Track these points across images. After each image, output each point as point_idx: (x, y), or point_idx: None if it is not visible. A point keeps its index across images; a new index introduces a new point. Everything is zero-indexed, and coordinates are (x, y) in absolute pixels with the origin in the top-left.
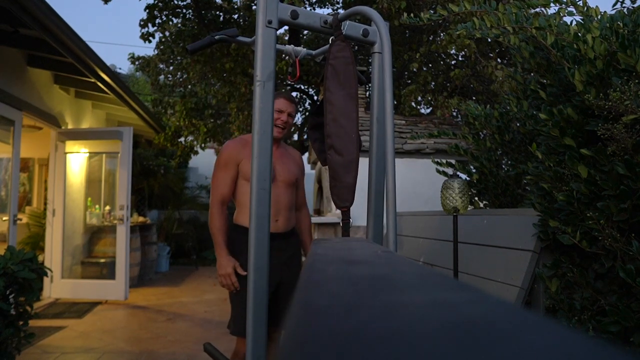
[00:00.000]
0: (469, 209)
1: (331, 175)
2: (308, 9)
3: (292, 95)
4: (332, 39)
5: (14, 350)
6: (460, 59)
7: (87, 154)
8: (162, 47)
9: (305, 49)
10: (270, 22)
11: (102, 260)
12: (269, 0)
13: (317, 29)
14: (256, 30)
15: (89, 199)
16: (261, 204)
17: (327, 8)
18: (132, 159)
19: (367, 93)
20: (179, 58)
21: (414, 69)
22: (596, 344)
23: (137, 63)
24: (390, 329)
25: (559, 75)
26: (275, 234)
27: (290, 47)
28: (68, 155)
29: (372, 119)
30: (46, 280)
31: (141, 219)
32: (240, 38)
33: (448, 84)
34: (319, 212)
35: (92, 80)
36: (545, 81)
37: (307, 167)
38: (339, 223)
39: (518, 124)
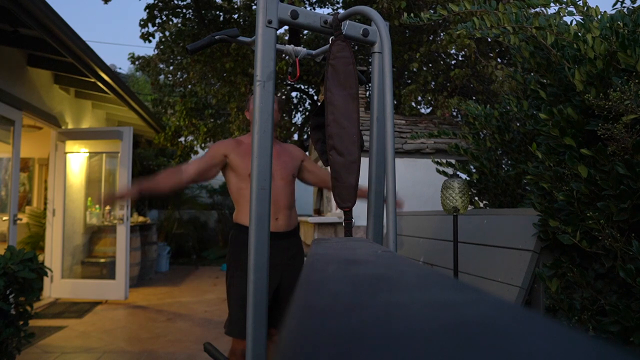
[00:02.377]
0: (469, 208)
1: (333, 176)
2: (308, 8)
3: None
4: (332, 39)
5: (14, 350)
6: (460, 58)
7: (87, 154)
8: (162, 47)
9: (305, 48)
10: (270, 21)
11: (102, 260)
12: (269, 0)
13: (317, 28)
14: (256, 30)
15: (89, 198)
16: (261, 203)
17: (327, 8)
18: (132, 159)
19: (368, 93)
20: (179, 58)
21: (414, 69)
22: (596, 344)
23: (137, 63)
24: (390, 329)
25: (559, 75)
26: (276, 233)
27: (290, 47)
28: (68, 155)
29: (372, 118)
30: (46, 280)
31: (141, 218)
32: (241, 38)
33: (448, 84)
34: (318, 212)
35: (92, 80)
36: (545, 81)
37: None
38: (340, 223)
39: (518, 124)
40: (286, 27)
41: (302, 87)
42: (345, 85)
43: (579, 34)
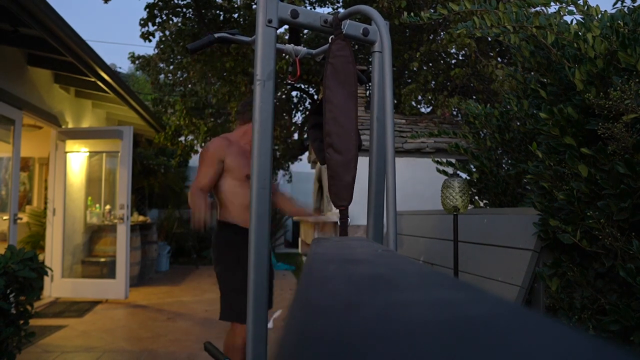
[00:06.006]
0: (469, 208)
1: (330, 174)
2: (308, 8)
3: None
4: (331, 38)
5: (14, 349)
6: (460, 58)
7: (88, 153)
8: (162, 46)
9: (305, 48)
10: (270, 21)
11: (103, 260)
12: None
13: (317, 28)
14: (256, 30)
15: (89, 198)
16: (261, 203)
17: (327, 7)
18: (133, 158)
19: (368, 92)
20: (179, 57)
21: (414, 68)
22: (596, 343)
23: (137, 62)
24: (390, 327)
25: (560, 74)
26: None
27: (290, 47)
28: (68, 155)
29: (372, 118)
30: (46, 279)
31: (141, 218)
32: (240, 37)
33: (448, 83)
34: (319, 211)
35: (92, 79)
36: (545, 80)
37: (307, 167)
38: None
39: (518, 123)
40: (286, 27)
41: (302, 86)
42: (344, 83)
43: (579, 33)
